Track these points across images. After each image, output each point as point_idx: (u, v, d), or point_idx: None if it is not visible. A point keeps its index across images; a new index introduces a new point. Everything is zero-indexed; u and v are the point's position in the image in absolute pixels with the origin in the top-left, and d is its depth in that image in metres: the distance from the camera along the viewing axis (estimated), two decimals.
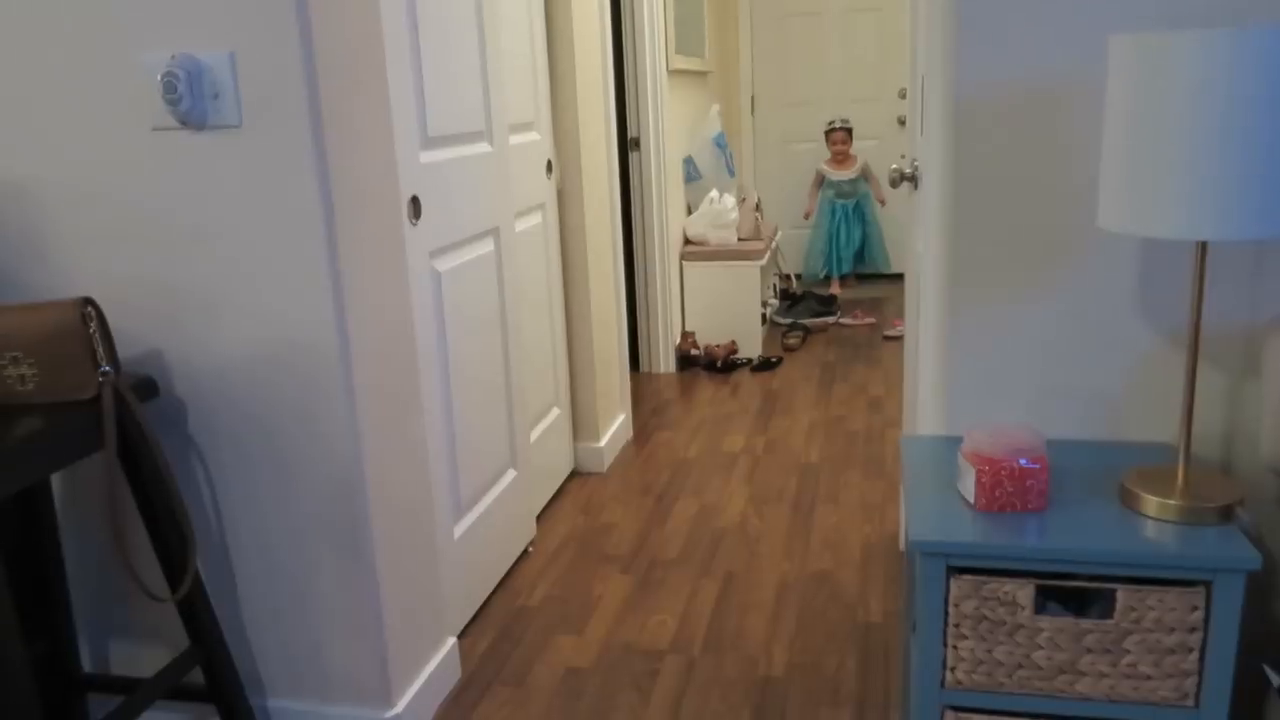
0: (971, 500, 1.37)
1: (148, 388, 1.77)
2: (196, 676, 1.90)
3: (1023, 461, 1.33)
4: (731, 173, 4.86)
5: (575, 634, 2.36)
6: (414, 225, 2.10)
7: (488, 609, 2.49)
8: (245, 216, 1.75)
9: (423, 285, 2.15)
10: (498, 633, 2.39)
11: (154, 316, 1.84)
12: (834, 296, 5.29)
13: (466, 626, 2.41)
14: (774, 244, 5.15)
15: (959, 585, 1.29)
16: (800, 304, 5.19)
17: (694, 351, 4.47)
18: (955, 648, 1.31)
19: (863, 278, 6.02)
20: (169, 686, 1.79)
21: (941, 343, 1.62)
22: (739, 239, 4.61)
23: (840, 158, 5.66)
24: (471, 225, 2.41)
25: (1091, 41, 1.48)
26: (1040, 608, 1.31)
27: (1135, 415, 1.58)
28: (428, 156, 2.17)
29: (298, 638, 1.95)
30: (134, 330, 1.84)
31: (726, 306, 4.55)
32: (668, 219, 4.27)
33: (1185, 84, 1.17)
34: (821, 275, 5.78)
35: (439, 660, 2.12)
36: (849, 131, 5.64)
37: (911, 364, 1.89)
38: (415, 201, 2.10)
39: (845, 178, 5.67)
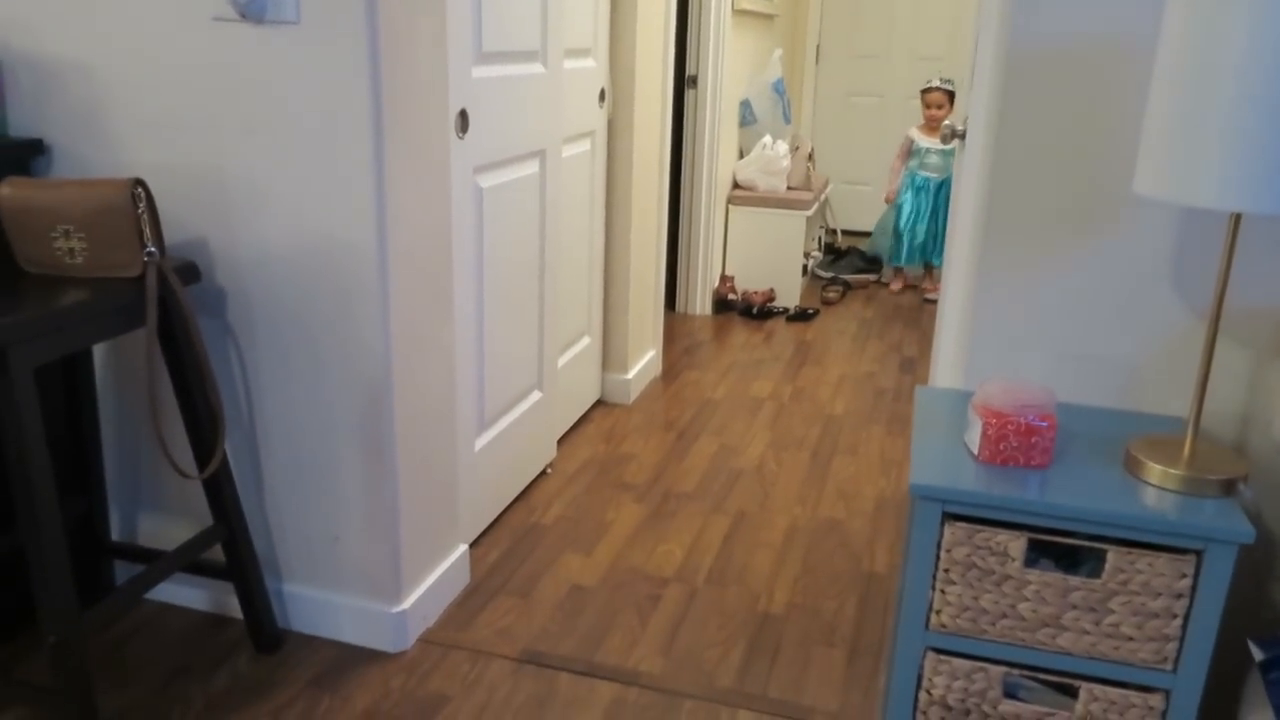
0: (976, 451, 1.39)
1: (190, 272, 1.83)
2: (218, 555, 1.98)
3: (1030, 418, 1.35)
4: (788, 120, 4.81)
5: (584, 554, 2.42)
6: (461, 139, 2.12)
7: (502, 522, 2.56)
8: (296, 113, 1.78)
9: (465, 199, 2.18)
10: (509, 545, 2.45)
11: (201, 204, 1.89)
12: (879, 256, 5.19)
13: (480, 536, 2.48)
14: (824, 196, 5.11)
15: (952, 531, 1.32)
16: (843, 259, 5.16)
17: (731, 296, 4.48)
18: (943, 592, 1.34)
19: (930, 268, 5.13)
20: (189, 560, 1.88)
21: (967, 297, 1.63)
22: (788, 188, 4.59)
23: (934, 124, 4.84)
24: (518, 145, 2.42)
25: (1150, 3, 1.46)
26: (1032, 562, 1.33)
27: (1155, 387, 1.58)
28: (480, 71, 2.18)
29: (316, 527, 2.02)
30: (182, 215, 1.90)
31: (768, 254, 4.54)
32: (718, 161, 4.25)
33: (1234, 50, 1.15)
34: (889, 264, 5.06)
35: (450, 564, 2.19)
36: (950, 95, 4.77)
37: (941, 321, 1.90)
38: (464, 115, 2.12)
39: (937, 148, 4.85)
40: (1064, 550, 1.34)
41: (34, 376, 1.52)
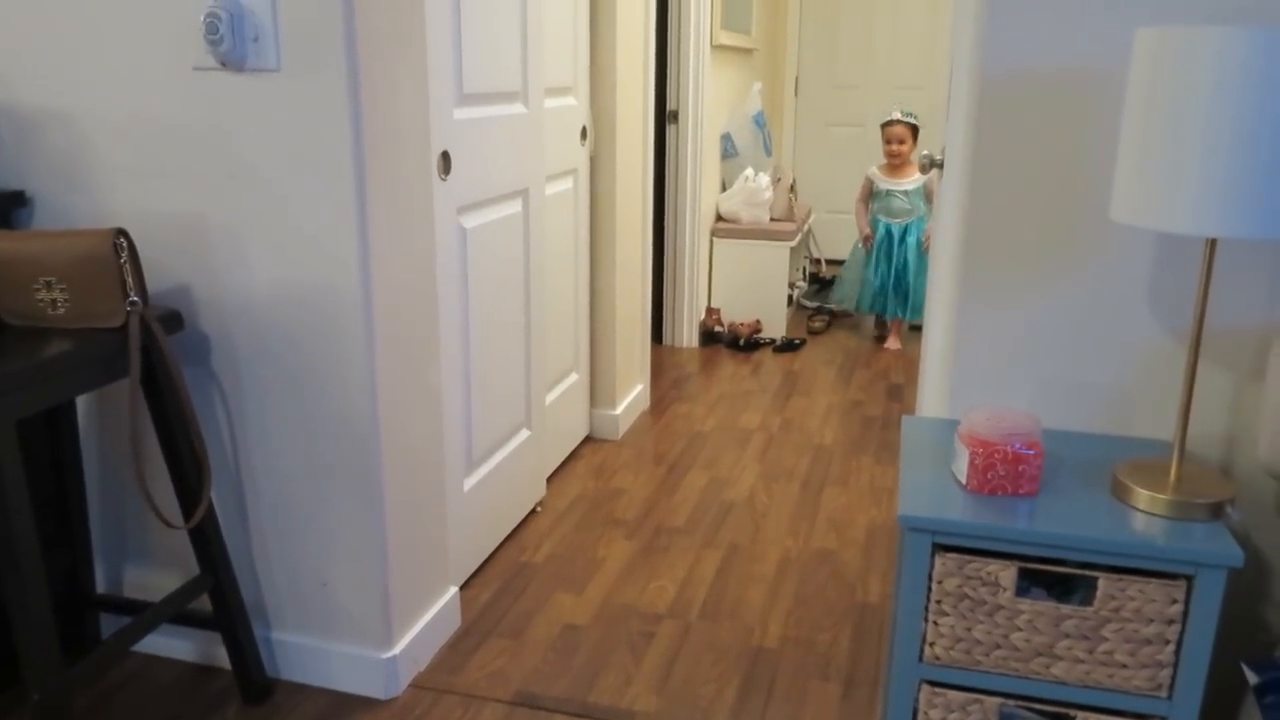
0: (964, 481, 1.39)
1: (174, 320, 1.82)
2: (205, 605, 1.96)
3: (1017, 446, 1.35)
4: (769, 152, 4.85)
5: (576, 593, 2.41)
6: (443, 180, 2.13)
7: (492, 562, 2.54)
8: (278, 160, 1.79)
9: (448, 240, 2.19)
10: (500, 586, 2.44)
11: (184, 252, 1.88)
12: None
13: (470, 578, 2.46)
14: (806, 226, 5.14)
15: (943, 562, 1.31)
16: (828, 288, 5.18)
17: (718, 328, 4.49)
18: (936, 624, 1.34)
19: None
20: (176, 611, 1.85)
21: (950, 327, 1.63)
22: (771, 219, 4.61)
23: (897, 162, 4.38)
24: (501, 185, 2.43)
25: (1120, 35, 1.48)
26: (1023, 591, 1.33)
27: (1140, 412, 1.58)
28: (461, 113, 2.20)
29: (304, 573, 2.00)
30: (164, 264, 1.89)
31: (754, 285, 4.55)
32: (701, 194, 4.27)
33: (1205, 79, 1.17)
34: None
35: (440, 607, 2.17)
36: (914, 129, 4.36)
37: (926, 350, 1.90)
38: (446, 157, 2.13)
39: (900, 188, 4.37)
40: (1056, 579, 1.34)
41: (16, 429, 1.51)
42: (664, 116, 4.11)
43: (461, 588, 2.39)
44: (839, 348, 4.56)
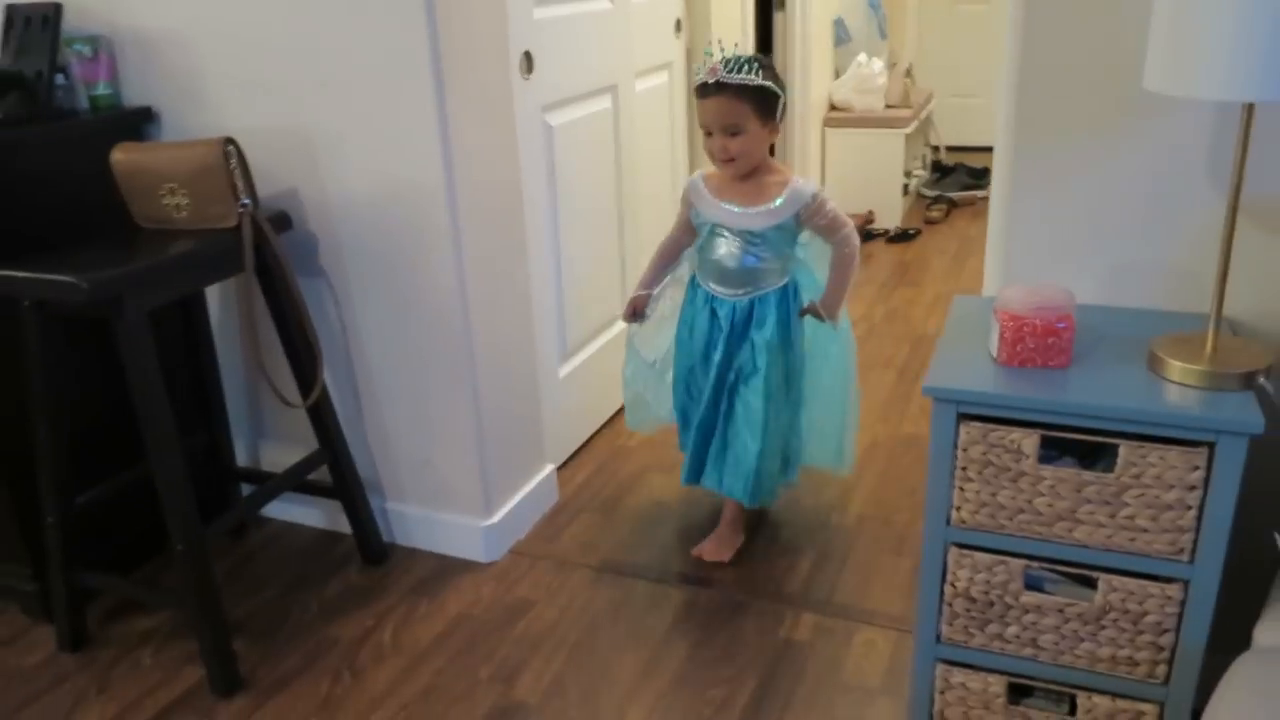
0: (995, 354, 1.42)
1: (282, 220, 2.01)
2: (328, 477, 2.18)
3: (1047, 319, 1.37)
4: (884, 35, 4.71)
5: (666, 473, 2.54)
6: (526, 79, 2.22)
7: (589, 446, 2.71)
8: (363, 66, 1.92)
9: (533, 137, 2.29)
10: (595, 467, 2.60)
11: (290, 158, 2.06)
12: (986, 170, 4.96)
13: (569, 459, 2.63)
14: (925, 113, 4.98)
15: (967, 431, 1.37)
16: (949, 176, 5.04)
17: None
18: (962, 489, 1.40)
19: None
20: (297, 481, 2.09)
21: (1003, 206, 1.64)
22: (886, 106, 4.51)
23: (730, 172, 2.01)
24: (587, 82, 2.51)
25: None
26: (1053, 459, 1.37)
27: (1190, 286, 1.55)
28: (542, 12, 2.27)
29: (411, 450, 2.21)
30: (274, 169, 2.07)
31: (867, 175, 4.49)
32: (810, 83, 4.21)
33: None
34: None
35: (537, 483, 2.35)
36: (760, 97, 1.91)
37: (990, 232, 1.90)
38: (528, 56, 2.22)
39: (740, 226, 2.04)
40: (1087, 448, 1.37)
41: (152, 322, 1.72)
42: (769, 3, 4.04)
43: (560, 467, 2.56)
44: (957, 236, 4.47)
